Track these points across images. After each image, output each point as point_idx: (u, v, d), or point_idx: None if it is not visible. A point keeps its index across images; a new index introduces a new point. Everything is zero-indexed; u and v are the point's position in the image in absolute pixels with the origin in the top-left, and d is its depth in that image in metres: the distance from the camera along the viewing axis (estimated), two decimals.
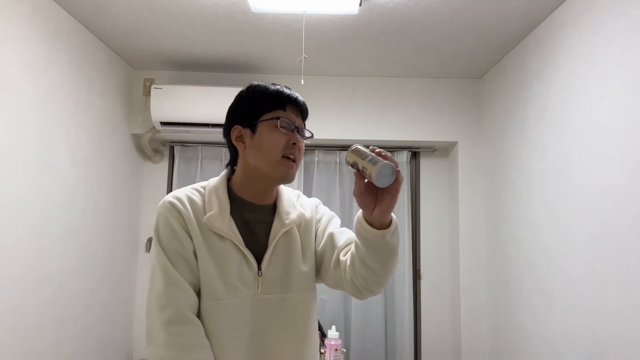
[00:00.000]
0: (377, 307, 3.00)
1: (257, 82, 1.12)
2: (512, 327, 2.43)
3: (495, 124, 2.75)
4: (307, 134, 1.12)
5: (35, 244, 2.00)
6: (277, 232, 1.08)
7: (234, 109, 1.12)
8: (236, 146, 1.10)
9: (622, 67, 1.64)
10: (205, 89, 2.73)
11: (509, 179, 2.53)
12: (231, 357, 1.01)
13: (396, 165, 0.90)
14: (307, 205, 1.19)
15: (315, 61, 2.74)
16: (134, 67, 2.95)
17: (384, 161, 0.89)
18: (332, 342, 2.20)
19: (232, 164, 1.14)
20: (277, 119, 1.05)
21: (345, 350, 2.56)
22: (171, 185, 3.12)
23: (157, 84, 2.77)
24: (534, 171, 2.24)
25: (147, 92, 2.90)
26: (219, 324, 1.01)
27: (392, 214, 0.97)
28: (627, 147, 1.59)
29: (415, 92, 3.00)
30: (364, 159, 0.91)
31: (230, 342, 1.01)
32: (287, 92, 1.09)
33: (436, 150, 3.17)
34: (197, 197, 1.06)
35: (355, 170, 0.95)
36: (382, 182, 0.89)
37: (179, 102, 2.71)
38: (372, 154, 0.91)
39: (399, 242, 1.01)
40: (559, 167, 2.02)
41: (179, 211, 1.02)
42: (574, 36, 1.94)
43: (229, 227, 1.03)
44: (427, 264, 3.09)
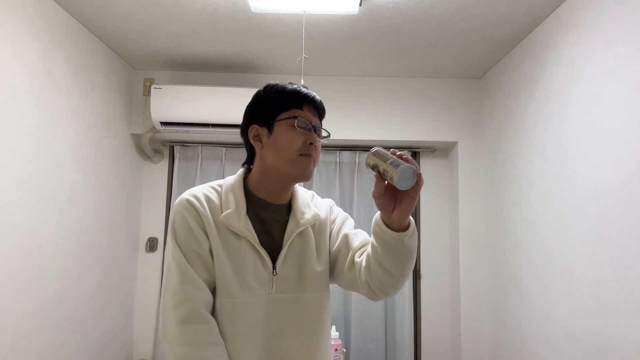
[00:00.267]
0: (377, 307, 3.00)
1: (274, 82, 1.11)
2: (512, 327, 2.43)
3: (495, 124, 2.75)
4: (324, 134, 1.12)
5: (34, 244, 2.00)
6: (292, 232, 1.09)
7: (252, 109, 1.12)
8: (254, 145, 1.10)
9: (622, 67, 1.64)
10: (205, 89, 2.73)
11: (509, 179, 2.53)
12: (245, 355, 1.01)
13: (417, 168, 0.90)
14: (321, 205, 1.19)
15: (315, 61, 2.74)
16: (134, 67, 2.95)
17: (406, 164, 0.88)
18: (332, 342, 2.21)
19: (249, 163, 1.14)
20: (294, 118, 1.05)
21: (345, 350, 2.56)
22: (171, 185, 3.12)
23: (157, 84, 2.77)
24: (534, 171, 2.24)
25: (147, 92, 2.90)
26: (233, 322, 1.00)
27: (410, 216, 0.96)
28: (627, 146, 1.59)
29: (415, 92, 3.00)
30: (385, 162, 0.91)
31: (244, 341, 1.01)
32: (305, 91, 1.09)
33: (436, 150, 3.17)
34: (214, 196, 1.06)
35: (375, 172, 0.94)
36: (404, 185, 0.89)
37: (179, 102, 2.71)
38: (394, 157, 0.91)
39: (417, 244, 1.00)
40: (559, 167, 2.02)
41: (195, 209, 1.02)
42: (574, 36, 1.94)
43: (245, 226, 1.03)
44: (427, 264, 3.09)
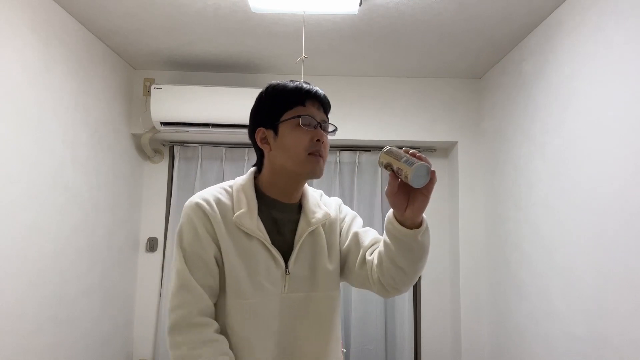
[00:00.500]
0: (377, 307, 3.00)
1: (276, 81, 1.10)
2: (512, 327, 2.43)
3: (495, 124, 2.75)
4: (331, 128, 1.11)
5: (34, 244, 2.00)
6: (303, 231, 1.09)
7: (256, 111, 1.11)
8: (262, 148, 1.09)
9: (622, 67, 1.64)
10: (205, 89, 2.73)
11: (509, 179, 2.53)
12: (259, 355, 1.01)
13: (431, 165, 0.91)
14: (330, 204, 1.20)
15: (315, 61, 2.74)
16: (134, 67, 2.95)
17: (420, 162, 0.89)
18: None
19: (260, 164, 1.13)
20: (298, 117, 1.03)
21: (345, 350, 2.56)
22: (171, 185, 3.12)
23: (157, 84, 2.77)
24: (534, 171, 2.24)
25: (147, 92, 2.90)
26: (246, 322, 1.00)
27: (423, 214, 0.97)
28: (627, 146, 1.59)
29: (415, 92, 3.00)
30: (399, 160, 0.92)
31: (258, 341, 1.01)
32: (306, 87, 1.07)
33: (436, 150, 3.16)
34: (224, 197, 1.06)
35: (389, 171, 0.95)
36: (418, 183, 0.90)
37: (179, 102, 2.71)
38: (407, 155, 0.92)
39: (429, 241, 1.02)
40: (559, 167, 2.02)
41: (204, 212, 1.01)
42: (574, 36, 1.94)
43: (257, 226, 1.03)
44: (427, 264, 3.06)
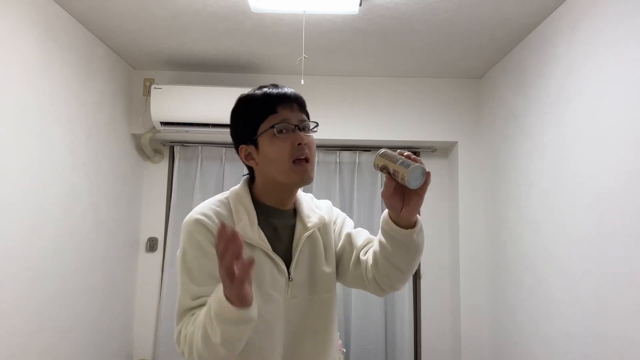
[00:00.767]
0: (377, 307, 3.00)
1: (245, 93, 1.08)
2: (512, 327, 2.43)
3: (495, 124, 2.75)
4: (312, 125, 1.09)
5: (35, 244, 2.00)
6: (301, 236, 1.09)
7: (233, 129, 1.10)
8: (249, 165, 1.09)
9: (622, 67, 1.63)
10: (205, 89, 2.73)
11: (509, 178, 2.53)
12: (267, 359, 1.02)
13: (425, 167, 0.93)
14: (322, 207, 1.20)
15: (315, 61, 2.74)
16: (134, 67, 2.95)
17: (416, 164, 0.92)
18: None
19: (251, 176, 1.12)
20: (272, 127, 1.01)
21: (345, 350, 2.56)
22: (171, 185, 3.12)
23: (157, 84, 2.77)
24: (534, 171, 2.24)
25: (147, 92, 2.90)
26: (255, 333, 0.99)
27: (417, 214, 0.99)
28: (627, 146, 1.59)
29: (415, 92, 3.00)
30: (395, 163, 0.94)
31: (268, 349, 1.01)
32: (274, 91, 1.04)
33: (436, 150, 3.17)
34: (222, 209, 1.04)
35: (385, 173, 0.97)
36: (414, 184, 0.92)
37: (179, 102, 2.71)
38: (402, 157, 0.94)
39: (424, 240, 1.04)
40: (559, 167, 2.02)
41: (206, 227, 1.00)
42: (574, 36, 1.94)
43: (259, 236, 1.03)
44: (427, 264, 3.09)
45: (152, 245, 3.08)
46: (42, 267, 2.05)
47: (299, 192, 1.16)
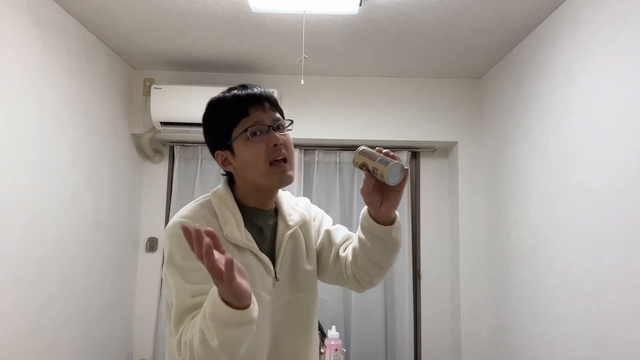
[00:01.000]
0: (377, 307, 3.00)
1: (214, 97, 1.05)
2: (512, 326, 2.43)
3: (495, 123, 2.75)
4: (287, 123, 1.07)
5: (34, 244, 2.00)
6: (284, 235, 1.09)
7: (207, 136, 1.08)
8: (227, 170, 1.08)
9: (622, 67, 1.64)
10: (205, 89, 2.73)
11: (509, 179, 2.53)
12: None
13: (403, 164, 0.95)
14: (301, 204, 1.20)
15: (315, 61, 2.74)
16: (134, 67, 2.95)
17: (394, 161, 0.93)
18: (332, 342, 2.20)
19: (231, 178, 1.11)
20: (245, 131, 0.99)
21: (345, 350, 2.56)
22: (171, 185, 3.12)
23: (157, 84, 2.77)
24: (534, 171, 2.24)
25: (147, 92, 2.90)
26: None
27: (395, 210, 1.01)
28: (628, 147, 1.59)
29: (415, 92, 3.01)
30: (374, 160, 0.95)
31: (256, 349, 1.01)
32: (244, 93, 1.02)
33: (436, 150, 3.17)
34: (207, 212, 1.02)
35: (364, 171, 0.98)
36: (393, 181, 0.94)
37: (179, 102, 2.71)
38: (381, 155, 0.96)
39: (402, 237, 1.06)
40: (559, 167, 2.02)
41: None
42: (574, 36, 1.94)
43: (246, 237, 1.02)
44: (427, 264, 3.09)
45: (152, 245, 3.08)
46: (42, 267, 2.05)
47: (278, 190, 1.15)
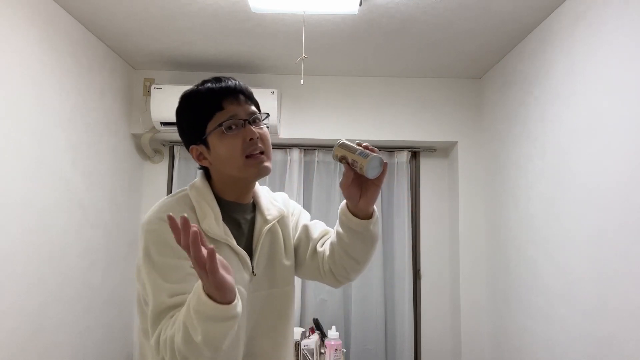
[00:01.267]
0: (377, 307, 3.00)
1: (187, 90, 1.03)
2: (512, 327, 2.43)
3: (495, 124, 2.75)
4: (263, 117, 1.04)
5: (34, 244, 2.00)
6: (261, 229, 1.08)
7: (181, 131, 1.06)
8: (203, 165, 1.05)
9: (622, 67, 1.64)
10: None
11: (509, 178, 2.53)
12: (231, 356, 1.00)
13: (382, 157, 0.96)
14: (280, 200, 1.19)
15: (315, 61, 2.74)
16: (134, 67, 2.95)
17: (373, 154, 0.94)
18: (332, 342, 2.21)
19: (207, 173, 1.09)
20: (220, 125, 0.97)
21: (345, 350, 2.56)
22: (171, 185, 3.12)
23: (157, 84, 2.77)
24: (534, 171, 2.24)
25: (147, 92, 2.90)
26: None
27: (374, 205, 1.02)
28: (627, 146, 1.59)
29: (415, 92, 3.01)
30: (353, 153, 0.96)
31: (232, 346, 0.99)
32: (217, 86, 1.00)
33: (436, 150, 3.17)
34: (185, 207, 1.00)
35: (344, 164, 0.99)
36: (372, 174, 0.95)
37: None
38: (360, 148, 0.96)
39: (380, 231, 1.06)
40: (559, 167, 2.02)
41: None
42: (574, 36, 1.94)
43: (224, 232, 1.01)
44: (427, 264, 3.09)
45: None
46: (42, 267, 2.05)
47: (256, 185, 1.13)
